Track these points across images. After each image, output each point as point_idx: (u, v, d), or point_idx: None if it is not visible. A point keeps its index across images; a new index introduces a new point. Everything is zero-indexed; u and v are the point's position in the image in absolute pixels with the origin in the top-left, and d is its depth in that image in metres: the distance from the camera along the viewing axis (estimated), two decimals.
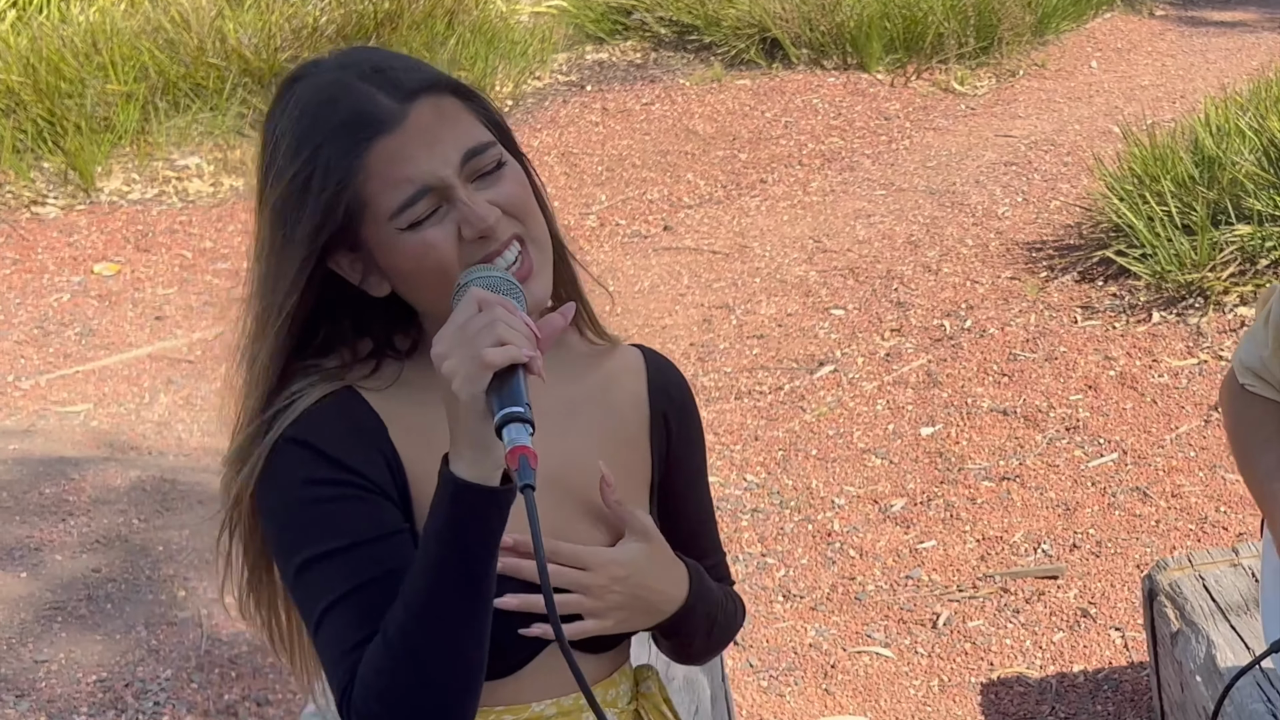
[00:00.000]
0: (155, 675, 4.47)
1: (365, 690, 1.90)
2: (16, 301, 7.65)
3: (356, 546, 1.96)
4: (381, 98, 1.93)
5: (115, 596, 4.89)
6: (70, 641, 4.66)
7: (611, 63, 11.46)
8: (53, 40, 9.48)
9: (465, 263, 1.93)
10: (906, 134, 9.87)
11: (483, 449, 1.81)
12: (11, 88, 9.04)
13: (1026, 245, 7.53)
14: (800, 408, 6.01)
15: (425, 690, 1.89)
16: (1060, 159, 8.99)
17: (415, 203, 1.91)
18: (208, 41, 9.73)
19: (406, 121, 1.92)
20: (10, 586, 4.94)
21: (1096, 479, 5.27)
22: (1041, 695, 4.21)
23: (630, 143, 9.77)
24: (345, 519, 1.97)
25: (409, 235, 1.93)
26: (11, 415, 6.37)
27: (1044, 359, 6.20)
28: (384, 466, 2.00)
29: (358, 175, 1.92)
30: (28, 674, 4.50)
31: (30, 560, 5.08)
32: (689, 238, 8.18)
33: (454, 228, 1.93)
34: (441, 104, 1.96)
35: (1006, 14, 11.38)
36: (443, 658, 1.89)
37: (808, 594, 4.80)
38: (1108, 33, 12.58)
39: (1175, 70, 11.51)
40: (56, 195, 8.81)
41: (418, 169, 1.91)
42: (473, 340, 1.79)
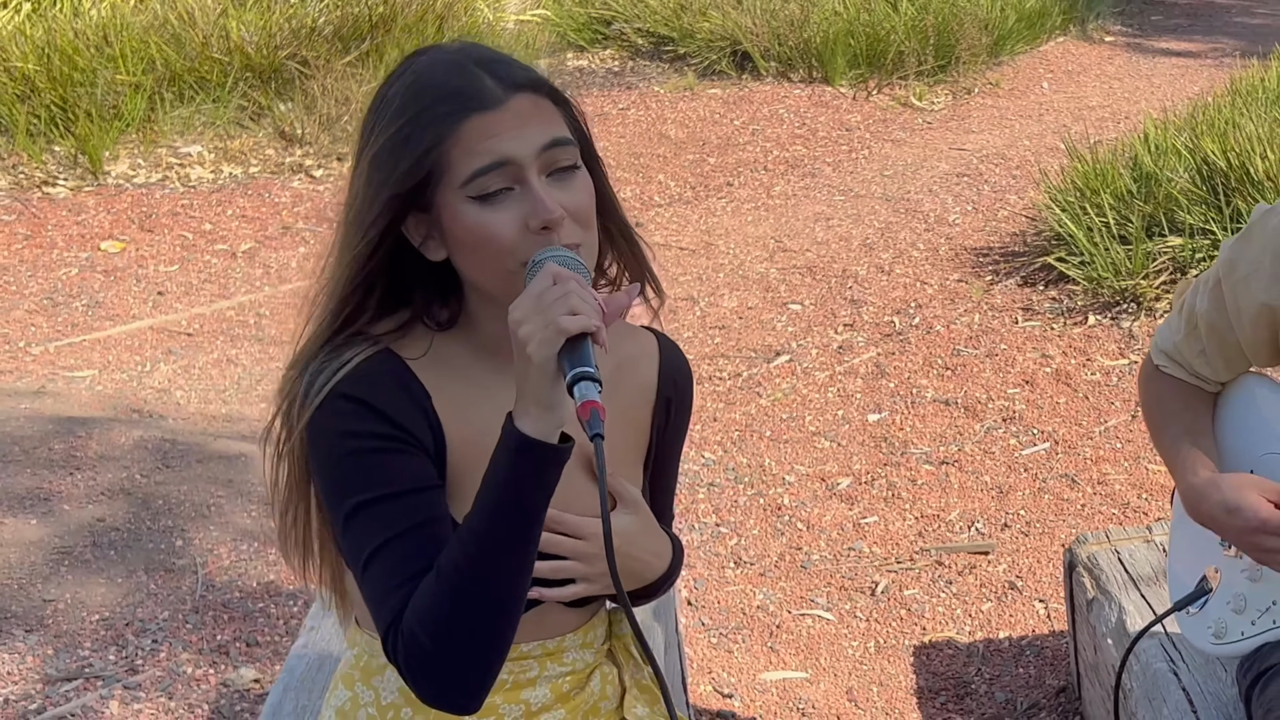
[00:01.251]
0: (154, 616, 4.52)
1: (415, 621, 1.97)
2: (28, 274, 7.71)
3: (404, 495, 2.04)
4: (490, 82, 2.02)
5: (118, 544, 4.94)
6: (76, 583, 4.71)
7: (591, 70, 11.51)
8: (67, 32, 9.51)
9: (521, 253, 1.98)
10: (866, 144, 9.92)
11: (548, 408, 1.89)
12: (27, 75, 9.08)
13: (974, 250, 7.60)
14: (757, 393, 6.07)
15: (470, 624, 1.96)
16: (1009, 172, 9.07)
17: (488, 172, 1.98)
18: (212, 38, 9.77)
19: (506, 106, 2.00)
20: (22, 532, 5.00)
21: (1029, 465, 5.34)
22: (969, 658, 4.27)
23: (606, 145, 9.78)
24: (394, 469, 2.05)
25: (475, 207, 2.00)
26: (23, 378, 6.43)
27: (985, 355, 6.27)
28: (426, 427, 2.07)
29: (448, 139, 2.00)
30: (36, 611, 4.56)
31: (40, 509, 5.14)
32: (659, 234, 8.21)
33: (519, 216, 1.99)
34: (539, 101, 2.03)
35: (964, 35, 11.46)
36: (489, 595, 1.97)
37: (757, 561, 4.84)
38: (1059, 56, 12.65)
39: (1121, 92, 11.58)
40: (66, 177, 8.84)
41: (501, 145, 1.98)
42: (549, 308, 1.86)
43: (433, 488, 2.07)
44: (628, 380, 2.32)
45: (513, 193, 1.99)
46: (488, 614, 1.97)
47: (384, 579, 2.03)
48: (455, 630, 1.97)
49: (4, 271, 7.74)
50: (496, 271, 2.01)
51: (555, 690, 2.29)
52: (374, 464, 2.05)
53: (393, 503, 2.04)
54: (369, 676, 2.25)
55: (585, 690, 2.34)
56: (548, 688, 2.29)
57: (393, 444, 2.06)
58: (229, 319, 7.22)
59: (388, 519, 2.04)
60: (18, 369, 6.55)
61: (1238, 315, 2.54)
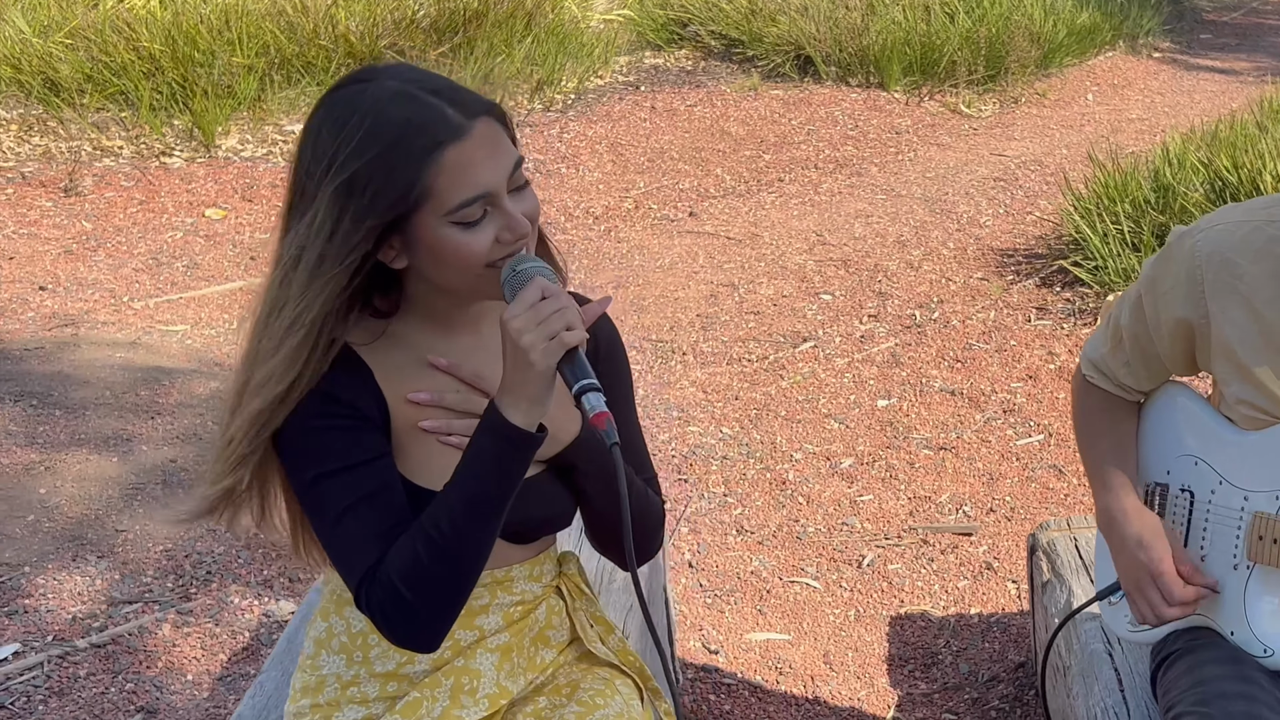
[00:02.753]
0: (210, 550, 4.69)
1: (395, 574, 2.08)
2: (139, 236, 7.86)
3: (361, 465, 2.14)
4: (450, 111, 2.09)
5: (185, 483, 5.11)
6: (145, 517, 4.89)
7: (666, 68, 11.54)
8: (193, 17, 9.70)
9: (491, 258, 2.10)
10: (913, 147, 9.91)
11: (538, 404, 2.02)
12: (154, 55, 9.26)
13: (999, 251, 7.60)
14: (779, 375, 6.11)
15: (444, 577, 2.08)
16: (1044, 178, 9.03)
17: (473, 203, 2.07)
18: (321, 26, 9.91)
19: (472, 134, 2.07)
20: (104, 468, 5.18)
21: (1021, 455, 5.35)
22: (940, 630, 4.30)
23: (671, 138, 9.84)
24: (350, 444, 2.15)
25: (456, 230, 2.08)
26: (123, 330, 6.58)
27: (995, 350, 6.28)
28: (372, 401, 2.17)
29: (429, 171, 2.09)
30: (109, 540, 4.74)
31: (122, 449, 5.33)
32: (710, 224, 8.26)
33: (494, 233, 2.09)
34: (492, 125, 2.12)
35: (1014, 47, 11.41)
36: (464, 554, 2.08)
37: (757, 530, 4.89)
38: (1107, 69, 12.54)
39: (1162, 107, 11.47)
40: (182, 149, 8.99)
41: (481, 176, 2.07)
42: (548, 321, 1.99)
43: (383, 456, 2.16)
44: None
45: (488, 214, 2.09)
46: (460, 570, 2.10)
47: (351, 539, 2.14)
48: (431, 583, 2.09)
49: (118, 233, 7.89)
50: (465, 276, 2.11)
51: (506, 618, 2.39)
52: (336, 440, 2.15)
53: (349, 474, 2.14)
54: (341, 608, 2.36)
55: (531, 618, 2.43)
56: (499, 615, 2.38)
57: (344, 420, 2.15)
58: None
59: (349, 487, 2.14)
60: (119, 321, 6.70)
61: (1158, 329, 2.59)
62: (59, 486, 5.04)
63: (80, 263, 7.44)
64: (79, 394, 5.75)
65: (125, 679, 4.03)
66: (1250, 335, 2.44)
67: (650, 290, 7.16)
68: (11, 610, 4.32)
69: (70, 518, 4.86)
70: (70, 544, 4.70)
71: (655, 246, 7.91)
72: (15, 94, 9.11)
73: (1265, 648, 2.50)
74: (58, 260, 7.46)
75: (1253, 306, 2.43)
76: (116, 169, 8.65)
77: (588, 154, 9.46)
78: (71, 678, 4.02)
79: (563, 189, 8.81)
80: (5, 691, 3.95)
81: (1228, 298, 2.46)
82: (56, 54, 9.24)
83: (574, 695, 2.42)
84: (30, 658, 4.09)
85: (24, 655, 4.11)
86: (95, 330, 6.54)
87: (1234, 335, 2.46)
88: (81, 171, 8.51)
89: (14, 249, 7.56)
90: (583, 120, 10.05)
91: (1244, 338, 2.45)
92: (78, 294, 7.02)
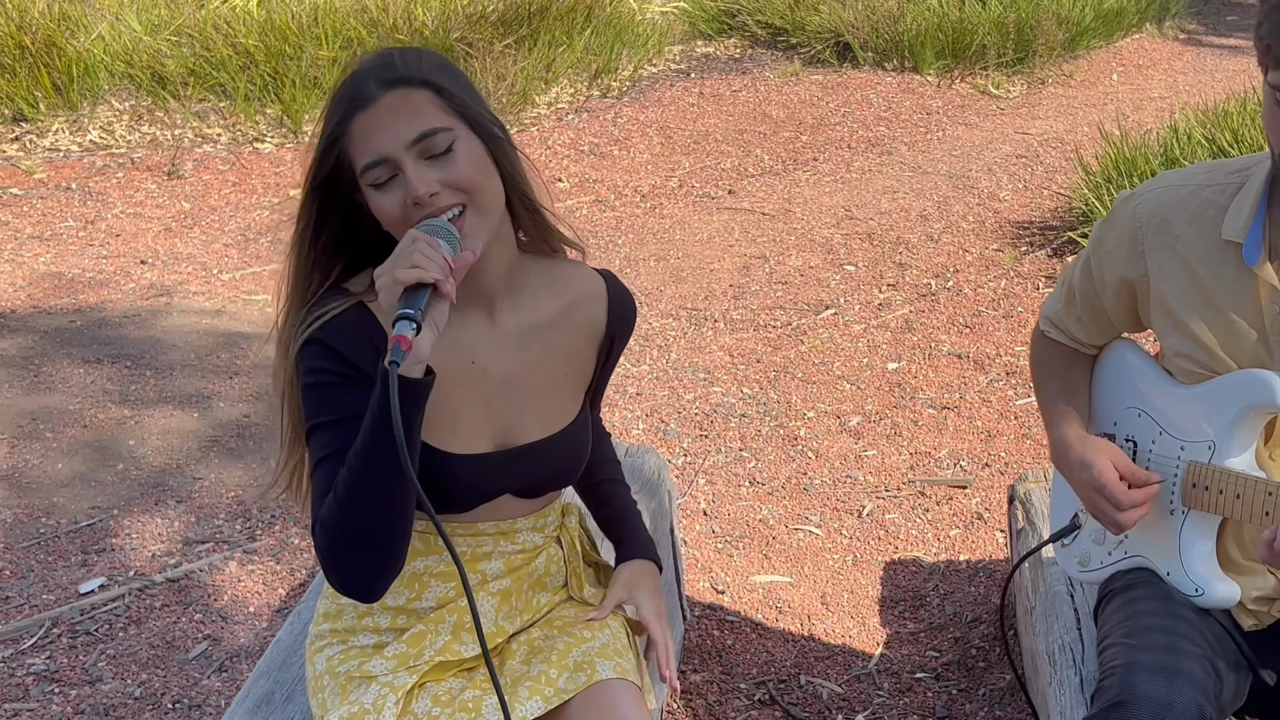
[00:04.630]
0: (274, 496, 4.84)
1: (318, 523, 2.16)
2: (230, 214, 8.02)
3: (347, 420, 2.19)
4: (370, 83, 2.18)
5: (257, 436, 5.29)
6: (219, 467, 5.06)
7: (715, 56, 11.55)
8: (285, 14, 9.84)
9: (410, 221, 2.15)
10: (942, 127, 9.89)
11: None
12: (249, 50, 9.42)
13: (1016, 224, 7.62)
14: (800, 340, 6.17)
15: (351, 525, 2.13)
16: (1064, 155, 9.00)
17: (375, 167, 2.14)
18: (400, 21, 10.00)
19: (379, 104, 2.15)
20: (186, 423, 5.37)
21: (1019, 415, 5.39)
22: (929, 575, 4.37)
23: (716, 121, 9.87)
24: (344, 400, 2.21)
25: (373, 192, 2.17)
26: (211, 299, 6.74)
27: (1003, 316, 6.31)
28: (379, 364, 2.20)
29: (343, 138, 2.20)
30: (186, 487, 4.93)
31: (202, 405, 5.52)
32: (747, 201, 8.31)
33: (400, 195, 2.15)
34: (411, 95, 2.17)
35: (1042, 31, 11.35)
36: (363, 497, 2.11)
37: (768, 482, 4.96)
38: (1133, 51, 12.42)
39: (1184, 86, 11.34)
40: (273, 136, 9.12)
41: (379, 142, 2.14)
42: (395, 263, 2.03)
43: None
44: (578, 316, 2.45)
45: (396, 178, 2.16)
46: (367, 513, 2.13)
47: (316, 487, 2.21)
48: (344, 527, 2.14)
49: (213, 211, 8.04)
50: (397, 238, 2.17)
51: (508, 564, 2.49)
52: (326, 395, 2.22)
53: (335, 427, 2.20)
54: None
55: (531, 565, 2.53)
56: (501, 561, 2.47)
57: (344, 379, 2.22)
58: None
59: (329, 439, 2.20)
60: (208, 291, 6.86)
61: (1103, 287, 2.65)
62: (146, 439, 5.22)
63: (178, 239, 7.61)
64: (167, 357, 5.93)
65: (194, 610, 4.19)
66: (1186, 292, 2.49)
67: (688, 262, 7.23)
68: (101, 548, 4.50)
69: (154, 467, 5.04)
70: (153, 490, 4.88)
71: (695, 222, 7.95)
72: (127, 87, 9.28)
73: (1196, 587, 2.56)
74: (158, 237, 7.63)
75: (1188, 265, 2.49)
76: (214, 154, 8.80)
77: (639, 137, 9.52)
78: (148, 609, 4.19)
79: (615, 169, 8.88)
80: (91, 619, 4.13)
81: (1165, 256, 2.52)
82: (164, 50, 9.41)
83: (565, 629, 2.52)
84: (113, 590, 4.27)
85: (108, 588, 4.29)
86: (186, 300, 6.71)
87: (1171, 292, 2.51)
88: (183, 156, 8.68)
89: (121, 227, 7.74)
90: (636, 105, 10.10)
91: (1180, 294, 2.50)
92: (174, 267, 7.18)
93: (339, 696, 2.42)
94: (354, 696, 2.37)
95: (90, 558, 4.46)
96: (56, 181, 8.29)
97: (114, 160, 8.59)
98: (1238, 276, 2.44)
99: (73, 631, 4.08)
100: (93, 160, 8.57)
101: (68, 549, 4.51)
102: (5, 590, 4.28)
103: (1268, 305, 2.42)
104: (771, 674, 3.90)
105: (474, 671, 2.47)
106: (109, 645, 4.02)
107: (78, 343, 6.08)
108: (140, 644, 4.02)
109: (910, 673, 3.90)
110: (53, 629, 4.09)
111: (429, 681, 2.42)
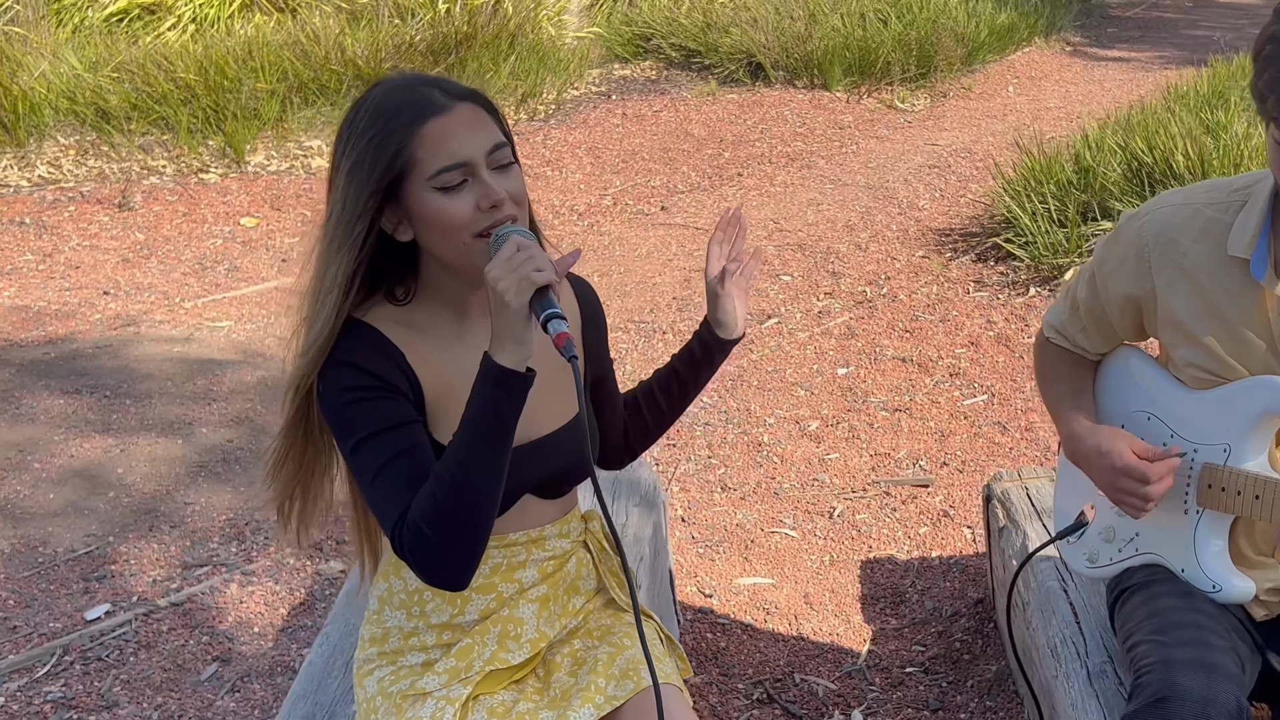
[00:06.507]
0: (267, 519, 4.78)
1: (418, 515, 2.12)
2: (184, 244, 7.90)
3: (391, 429, 2.17)
4: (437, 94, 2.16)
5: (243, 460, 5.20)
6: (209, 491, 4.97)
7: (633, 78, 11.56)
8: (220, 49, 9.80)
9: (475, 227, 2.14)
10: (855, 140, 9.95)
11: (520, 344, 2.04)
12: (190, 84, 9.34)
13: (938, 232, 7.67)
14: (749, 349, 6.15)
15: (458, 513, 2.10)
16: (973, 164, 9.10)
17: (451, 170, 2.12)
18: (332, 53, 9.96)
19: (454, 111, 2.14)
20: (171, 450, 5.27)
21: (968, 414, 5.41)
22: (905, 572, 4.37)
23: (641, 140, 9.87)
24: (381, 412, 2.19)
25: (438, 195, 2.14)
26: (176, 327, 6.64)
27: (939, 320, 6.34)
28: (403, 377, 2.20)
29: (413, 141, 2.16)
30: (179, 511, 4.84)
31: (185, 431, 5.41)
32: (680, 216, 8.30)
33: (472, 200, 2.13)
34: (477, 109, 2.18)
35: (942, 47, 11.47)
36: (474, 490, 2.10)
37: (739, 487, 4.95)
38: (1025, 63, 12.60)
39: (1076, 95, 11.54)
40: (217, 166, 9.04)
41: (460, 145, 2.12)
42: (520, 267, 2.02)
43: (413, 422, 2.20)
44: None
45: (467, 184, 2.14)
46: (470, 504, 2.11)
47: (385, 493, 2.18)
48: (447, 519, 2.11)
49: (167, 242, 7.93)
50: (454, 244, 2.15)
51: (541, 571, 2.46)
52: (369, 409, 2.19)
53: (383, 436, 2.18)
54: (399, 570, 2.43)
55: (563, 570, 2.51)
56: (535, 569, 2.45)
57: (377, 393, 2.20)
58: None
59: (383, 448, 2.18)
60: (173, 320, 6.75)
61: (1109, 302, 2.65)
62: (133, 466, 5.12)
63: (136, 269, 7.49)
64: (144, 385, 5.82)
65: (201, 633, 4.11)
66: (1195, 306, 2.49)
67: (630, 277, 7.21)
68: (101, 575, 4.41)
69: (145, 493, 4.94)
70: (146, 516, 4.78)
71: (633, 238, 7.94)
72: (72, 122, 9.16)
73: (1214, 584, 2.55)
74: (117, 268, 7.50)
75: (1196, 281, 2.48)
76: (162, 185, 8.68)
77: (569, 158, 9.49)
78: (156, 632, 4.11)
79: (549, 189, 8.85)
80: (101, 645, 4.04)
81: (1173, 273, 2.51)
82: (106, 86, 9.28)
83: (604, 638, 2.50)
84: (120, 615, 4.18)
85: (114, 614, 4.20)
86: (153, 328, 6.59)
87: (1180, 307, 2.51)
88: (132, 189, 8.55)
89: (79, 259, 7.61)
90: (563, 128, 10.07)
91: (1190, 309, 2.50)
92: (136, 297, 7.06)
93: (395, 716, 2.38)
94: (410, 714, 2.34)
95: (92, 585, 4.36)
96: (10, 216, 8.13)
97: (64, 194, 8.44)
98: (1244, 291, 2.45)
99: (85, 658, 3.99)
100: (43, 195, 8.42)
101: (68, 577, 4.41)
102: (12, 620, 4.17)
103: (1274, 318, 2.43)
104: (767, 673, 3.88)
105: (523, 683, 2.46)
106: (121, 670, 3.93)
107: (54, 374, 5.95)
108: (152, 668, 3.94)
109: (900, 667, 3.89)
110: (64, 656, 3.99)
111: (482, 694, 2.40)
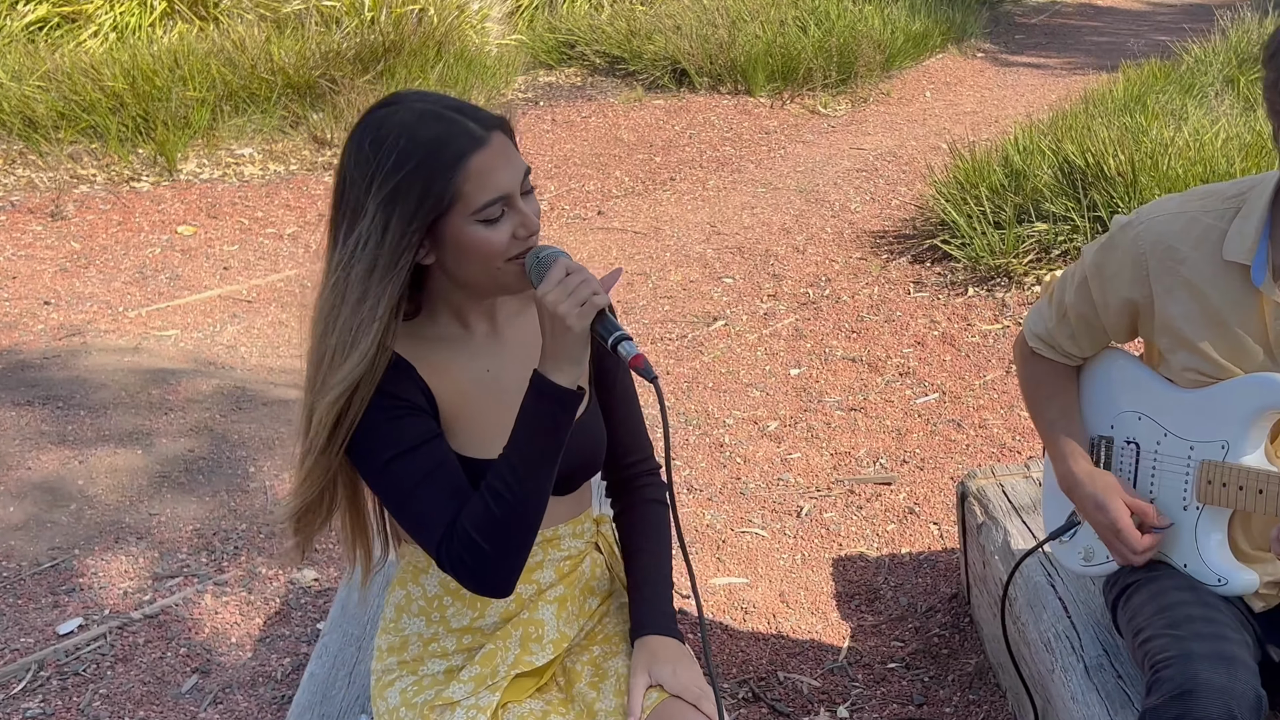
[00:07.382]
0: (234, 527, 4.68)
1: (471, 528, 2.10)
2: (122, 252, 7.76)
3: (420, 446, 2.16)
4: (473, 126, 2.12)
5: (205, 470, 5.08)
6: (173, 502, 4.86)
7: (558, 85, 11.51)
8: (146, 57, 9.61)
9: (510, 253, 2.13)
10: (782, 145, 9.96)
11: (577, 364, 2.05)
12: (118, 93, 9.18)
13: (872, 234, 7.68)
14: (700, 351, 6.14)
15: (512, 525, 2.10)
16: (900, 168, 9.14)
17: (495, 204, 2.10)
18: (259, 61, 9.81)
19: (491, 144, 2.10)
20: (131, 461, 5.14)
21: (922, 412, 5.42)
22: (877, 569, 4.35)
23: (572, 147, 9.83)
24: (407, 430, 2.16)
25: (480, 228, 2.11)
26: (123, 337, 6.51)
27: (884, 320, 6.35)
28: (418, 392, 2.18)
29: (458, 177, 2.12)
30: (144, 523, 4.72)
31: (144, 442, 5.29)
32: (616, 220, 8.28)
33: (510, 229, 2.12)
34: (503, 137, 2.15)
35: (861, 54, 11.52)
36: (528, 503, 2.10)
37: (705, 489, 4.92)
38: (940, 69, 12.67)
39: (991, 100, 11.63)
40: (149, 174, 8.89)
41: (501, 180, 2.10)
42: (578, 290, 2.02)
43: (439, 436, 2.18)
44: None
45: (505, 214, 2.12)
46: (524, 517, 2.12)
47: (428, 507, 2.15)
48: (501, 531, 2.11)
49: (104, 251, 7.78)
50: (488, 269, 2.14)
51: (558, 572, 2.44)
52: (394, 429, 2.17)
53: (416, 453, 2.16)
54: (417, 576, 2.40)
55: (579, 571, 2.48)
56: (552, 570, 2.43)
57: (402, 412, 2.17)
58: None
59: (418, 463, 2.16)
60: (118, 329, 6.63)
61: (1105, 308, 2.63)
62: (94, 478, 5.00)
63: (75, 279, 7.33)
64: (98, 395, 5.68)
65: (179, 644, 4.02)
66: (1193, 313, 2.49)
67: None
68: (70, 588, 4.30)
69: (108, 505, 4.82)
70: (111, 528, 4.67)
71: (572, 243, 7.89)
72: None
73: (1219, 577, 2.56)
74: (55, 277, 7.34)
75: (1195, 287, 2.48)
76: (94, 194, 8.51)
77: None
78: (131, 646, 4.01)
79: None
80: (77, 659, 3.94)
81: (1171, 280, 2.51)
82: (32, 95, 9.08)
83: (622, 646, 2.48)
84: (94, 629, 4.07)
85: (88, 628, 4.09)
86: (99, 338, 6.45)
87: (1178, 312, 2.51)
88: (64, 198, 8.38)
89: (15, 269, 7.44)
90: None
91: (1187, 315, 2.49)
92: (78, 307, 6.92)
93: None
94: None
95: (61, 598, 4.25)
96: None
97: None
98: (1242, 296, 2.45)
99: (61, 673, 3.88)
100: None
101: (35, 590, 4.29)
102: None
103: (1272, 323, 2.44)
104: (750, 672, 3.85)
105: (546, 691, 2.43)
106: (100, 685, 3.82)
107: (3, 386, 5.80)
108: (131, 681, 3.83)
109: (881, 663, 3.87)
110: (40, 671, 3.88)
111: (510, 702, 2.36)
